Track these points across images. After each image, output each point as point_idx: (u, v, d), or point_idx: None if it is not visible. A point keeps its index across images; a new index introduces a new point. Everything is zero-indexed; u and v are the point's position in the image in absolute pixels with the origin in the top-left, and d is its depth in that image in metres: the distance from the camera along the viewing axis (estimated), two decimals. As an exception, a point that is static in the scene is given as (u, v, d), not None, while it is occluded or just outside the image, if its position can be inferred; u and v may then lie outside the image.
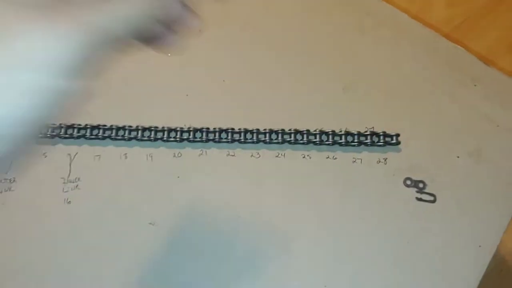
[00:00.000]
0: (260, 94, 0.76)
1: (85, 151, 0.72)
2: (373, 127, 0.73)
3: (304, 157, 0.73)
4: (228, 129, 0.72)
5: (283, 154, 0.73)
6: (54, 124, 0.71)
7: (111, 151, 0.72)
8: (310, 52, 0.79)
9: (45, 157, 0.71)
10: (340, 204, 0.70)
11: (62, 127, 0.71)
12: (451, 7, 1.08)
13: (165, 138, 0.72)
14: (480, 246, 0.68)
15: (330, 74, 0.77)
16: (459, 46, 0.79)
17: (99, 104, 0.74)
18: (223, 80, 0.76)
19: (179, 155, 0.72)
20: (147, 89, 0.76)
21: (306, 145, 0.73)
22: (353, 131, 0.73)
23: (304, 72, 0.77)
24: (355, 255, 0.67)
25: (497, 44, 1.03)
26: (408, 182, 0.70)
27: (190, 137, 0.72)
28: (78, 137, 0.72)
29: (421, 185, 0.70)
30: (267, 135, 0.73)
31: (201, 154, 0.72)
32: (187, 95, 0.75)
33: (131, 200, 0.69)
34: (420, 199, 0.70)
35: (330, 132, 0.73)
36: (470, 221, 0.69)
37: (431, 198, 0.70)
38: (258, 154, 0.72)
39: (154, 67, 0.78)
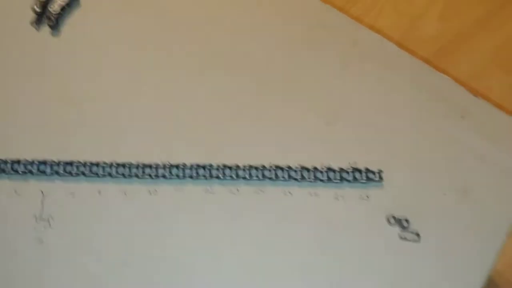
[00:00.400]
0: (239, 128, 0.74)
1: (58, 188, 0.69)
2: (355, 163, 0.70)
3: (285, 193, 0.70)
4: (205, 165, 0.70)
5: (263, 191, 0.70)
6: (27, 160, 0.68)
7: (85, 188, 0.70)
8: (292, 86, 0.77)
9: (17, 194, 0.68)
10: (321, 242, 0.68)
11: (34, 163, 0.68)
12: (442, 22, 1.05)
13: (140, 175, 0.69)
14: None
15: (312, 108, 0.75)
16: (446, 76, 0.76)
17: (72, 139, 0.73)
18: (201, 113, 0.73)
19: (155, 192, 0.69)
20: (122, 123, 0.74)
21: (287, 181, 0.70)
22: (335, 168, 0.70)
23: (286, 106, 0.75)
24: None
25: (488, 63, 1.00)
26: (391, 220, 0.68)
27: (166, 173, 0.69)
28: (51, 174, 0.68)
29: (404, 223, 0.68)
30: (247, 171, 0.70)
31: (177, 190, 0.69)
32: (164, 129, 0.72)
33: (105, 240, 0.67)
34: (403, 238, 0.67)
35: (311, 169, 0.70)
36: (455, 261, 0.67)
37: (415, 237, 0.68)
38: (237, 190, 0.69)
39: (130, 99, 0.76)
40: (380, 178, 0.70)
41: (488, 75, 0.96)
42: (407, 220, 0.68)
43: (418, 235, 0.68)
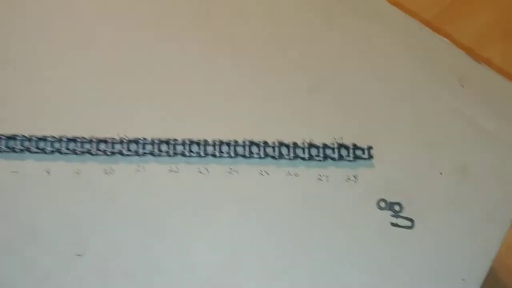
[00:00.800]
0: (207, 98, 0.65)
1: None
2: (341, 138, 0.61)
3: (261, 173, 0.61)
4: (169, 139, 0.61)
5: (236, 170, 0.61)
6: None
7: (30, 166, 0.61)
8: (267, 48, 0.68)
9: None
10: (302, 230, 0.60)
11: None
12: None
13: (93, 151, 0.61)
14: (463, 279, 0.59)
15: (291, 74, 0.66)
16: (444, 38, 0.67)
17: (16, 109, 0.63)
18: (164, 82, 0.63)
19: (111, 171, 0.60)
20: (73, 91, 0.65)
21: (263, 159, 0.62)
22: (318, 144, 0.62)
23: (260, 72, 0.66)
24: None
25: (489, 29, 0.90)
26: (382, 204, 0.60)
27: (124, 149, 0.60)
28: (-10, 150, 0.59)
29: (397, 207, 0.60)
30: (217, 147, 0.62)
31: (138, 170, 0.61)
32: (121, 99, 0.62)
33: (54, 227, 0.59)
34: (395, 225, 0.59)
35: (291, 145, 0.62)
36: (453, 250, 0.60)
37: (408, 224, 0.61)
38: (206, 169, 0.60)
39: (83, 66, 0.66)
40: (370, 155, 0.61)
41: (491, 41, 0.86)
42: (399, 204, 0.60)
43: (412, 220, 0.61)
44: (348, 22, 0.69)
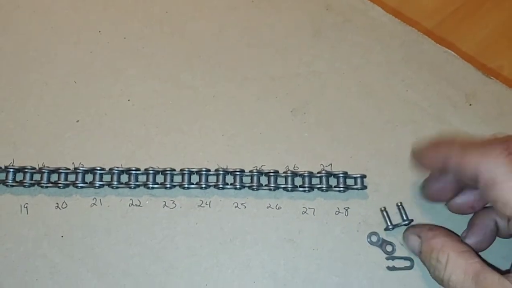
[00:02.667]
0: (177, 121, 0.57)
1: None
2: (330, 165, 0.54)
3: (236, 206, 0.54)
4: (130, 169, 0.54)
5: (208, 203, 0.54)
6: None
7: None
8: (248, 62, 0.60)
9: None
10: (285, 272, 0.52)
11: None
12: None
13: (44, 183, 0.53)
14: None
15: (273, 91, 0.58)
16: (449, 51, 0.59)
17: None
18: (128, 100, 0.56)
19: (64, 205, 0.54)
20: (21, 116, 0.57)
21: (239, 191, 0.54)
22: (303, 172, 0.54)
23: (237, 89, 0.58)
24: None
25: (496, 37, 0.81)
26: (374, 239, 0.51)
27: (79, 181, 0.53)
28: None
29: (389, 248, 0.51)
30: (185, 177, 0.54)
31: (94, 204, 0.53)
32: (77, 121, 0.56)
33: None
34: (392, 268, 0.50)
35: (271, 173, 0.54)
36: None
37: (407, 264, 0.53)
38: (173, 202, 0.54)
39: (36, 85, 0.59)
40: (363, 185, 0.53)
41: (498, 50, 0.78)
42: (391, 244, 0.53)
43: (411, 260, 0.53)
44: (340, 34, 0.61)
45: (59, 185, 0.53)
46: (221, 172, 0.53)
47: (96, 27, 0.60)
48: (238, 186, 0.53)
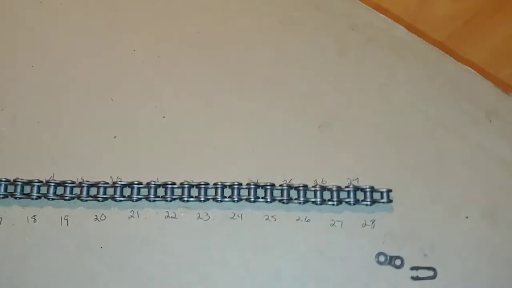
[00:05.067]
0: (209, 136, 0.59)
1: None
2: (357, 179, 0.56)
3: (267, 218, 0.56)
4: (166, 183, 0.56)
5: (240, 215, 0.56)
6: None
7: (15, 212, 0.56)
8: (276, 81, 0.62)
9: None
10: (311, 285, 0.54)
11: None
12: (455, 1, 0.88)
13: (84, 196, 0.55)
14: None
15: (301, 108, 0.60)
16: (470, 68, 0.61)
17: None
18: (163, 117, 0.58)
19: (103, 217, 0.55)
20: (59, 133, 0.59)
21: (269, 204, 0.56)
22: (331, 186, 0.56)
23: (266, 106, 0.61)
24: None
25: (506, 47, 0.83)
26: (382, 259, 0.54)
27: (117, 194, 0.55)
28: None
29: (398, 262, 0.54)
30: (219, 190, 0.56)
31: (131, 216, 0.56)
32: (114, 137, 0.58)
33: (41, 277, 0.54)
34: (416, 278, 0.53)
35: (301, 187, 0.56)
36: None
37: (430, 274, 0.55)
38: (206, 215, 0.56)
39: (71, 103, 0.61)
40: (389, 199, 0.55)
41: (509, 60, 0.80)
42: (400, 258, 0.55)
43: (434, 270, 0.55)
44: (364, 53, 0.63)
45: (99, 198, 0.55)
46: (252, 186, 0.55)
47: (131, 46, 0.62)
48: (268, 200, 0.55)
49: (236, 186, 0.56)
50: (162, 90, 0.61)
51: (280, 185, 0.56)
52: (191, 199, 0.55)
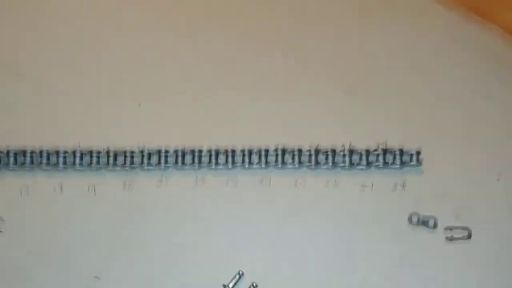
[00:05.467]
0: (236, 102, 0.59)
1: (8, 182, 0.55)
2: (385, 142, 0.55)
3: (295, 184, 0.55)
4: (194, 149, 0.55)
5: (268, 181, 0.55)
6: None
7: (42, 182, 0.56)
8: (299, 44, 0.62)
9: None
10: (343, 248, 0.54)
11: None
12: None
13: (111, 165, 0.55)
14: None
15: (326, 72, 0.60)
16: (495, 26, 0.60)
17: (24, 122, 0.58)
18: (187, 85, 0.58)
19: (130, 185, 0.54)
20: (85, 101, 0.59)
21: (297, 169, 0.56)
22: (359, 149, 0.55)
23: (291, 72, 0.60)
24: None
25: None
26: (414, 220, 0.53)
27: (144, 163, 0.55)
28: (-3, 166, 0.54)
29: (431, 222, 0.53)
30: (246, 156, 0.56)
31: (159, 183, 0.55)
32: (139, 106, 0.57)
33: (70, 248, 0.53)
34: (451, 238, 0.52)
35: (329, 151, 0.55)
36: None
37: (465, 234, 0.54)
38: (235, 181, 0.55)
39: (96, 72, 0.61)
40: (418, 161, 0.55)
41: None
42: (434, 218, 0.54)
43: (468, 230, 0.54)
44: (388, 14, 0.63)
45: (126, 168, 0.55)
46: (280, 151, 0.55)
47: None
48: (296, 165, 0.55)
49: (263, 152, 0.55)
50: (188, 55, 0.61)
51: (307, 150, 0.55)
52: (219, 166, 0.54)
